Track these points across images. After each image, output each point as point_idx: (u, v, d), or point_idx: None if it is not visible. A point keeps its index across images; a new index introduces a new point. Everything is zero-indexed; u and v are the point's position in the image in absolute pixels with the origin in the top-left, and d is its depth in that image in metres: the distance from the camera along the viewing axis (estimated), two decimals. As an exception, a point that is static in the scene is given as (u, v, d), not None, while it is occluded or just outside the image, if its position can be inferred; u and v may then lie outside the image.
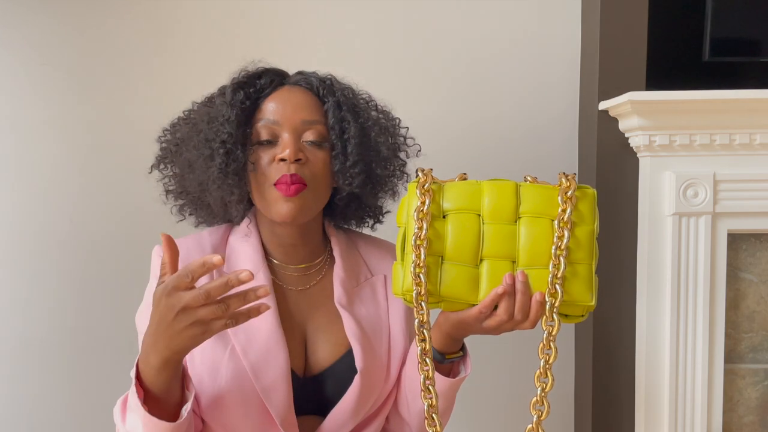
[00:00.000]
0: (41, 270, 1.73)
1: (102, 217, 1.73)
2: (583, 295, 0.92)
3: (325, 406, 1.08)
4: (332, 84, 1.11)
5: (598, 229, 0.94)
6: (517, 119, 1.73)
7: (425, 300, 0.92)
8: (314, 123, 1.06)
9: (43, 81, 1.71)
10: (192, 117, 1.13)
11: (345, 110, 1.08)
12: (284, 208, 1.03)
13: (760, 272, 1.55)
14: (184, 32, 1.72)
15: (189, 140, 1.09)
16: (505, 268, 0.93)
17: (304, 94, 1.08)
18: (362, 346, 1.07)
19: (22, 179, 1.72)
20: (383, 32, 1.72)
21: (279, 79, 1.11)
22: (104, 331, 1.73)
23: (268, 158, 1.04)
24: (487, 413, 1.77)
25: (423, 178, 0.96)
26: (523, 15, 1.71)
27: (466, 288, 0.93)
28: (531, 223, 0.93)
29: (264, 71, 1.11)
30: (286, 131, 1.05)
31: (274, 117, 1.05)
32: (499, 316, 0.92)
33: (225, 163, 1.03)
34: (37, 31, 1.70)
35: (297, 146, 1.04)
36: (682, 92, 1.42)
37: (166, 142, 1.15)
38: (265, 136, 1.05)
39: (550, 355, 0.92)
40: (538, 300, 0.91)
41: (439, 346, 1.02)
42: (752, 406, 1.57)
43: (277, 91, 1.08)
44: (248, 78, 1.09)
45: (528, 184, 0.97)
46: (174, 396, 0.93)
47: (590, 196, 0.95)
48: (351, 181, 1.07)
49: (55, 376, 1.75)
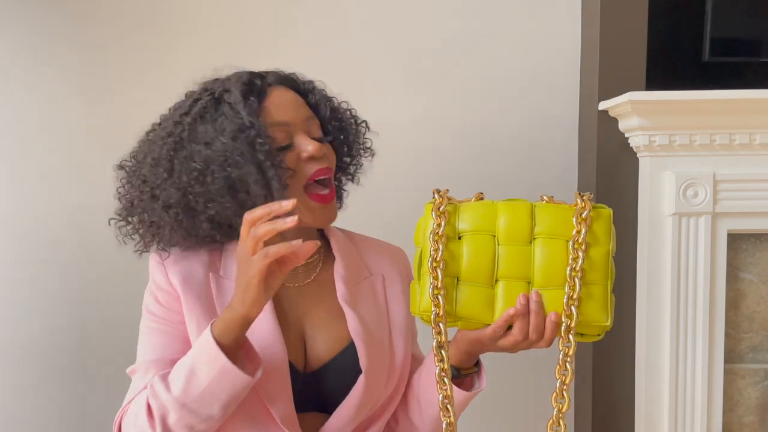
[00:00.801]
0: (40, 270, 1.73)
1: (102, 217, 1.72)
2: (598, 315, 0.93)
3: (326, 402, 1.08)
4: (311, 82, 1.13)
5: (614, 249, 0.94)
6: (517, 119, 1.73)
7: (443, 321, 0.93)
8: (312, 119, 1.08)
9: (43, 81, 1.71)
10: (182, 135, 1.03)
11: (327, 103, 1.11)
12: (324, 217, 1.06)
13: (760, 272, 1.55)
14: (185, 32, 1.72)
15: (208, 161, 1.00)
16: (520, 289, 0.93)
17: (293, 93, 1.09)
18: (366, 344, 1.07)
19: (22, 179, 1.72)
20: (382, 32, 1.72)
21: (265, 81, 1.08)
22: (104, 332, 1.73)
23: (291, 161, 1.02)
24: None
25: (438, 200, 0.95)
26: (523, 15, 1.71)
27: (481, 308, 0.94)
28: (546, 244, 0.93)
29: (250, 74, 1.07)
30: (298, 130, 1.04)
31: (283, 119, 1.04)
32: (514, 336, 0.93)
33: (277, 176, 0.99)
34: (37, 31, 1.70)
35: (314, 141, 1.04)
36: (682, 92, 1.42)
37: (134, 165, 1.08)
38: (281, 138, 1.02)
39: (566, 376, 0.92)
40: (552, 320, 0.92)
41: (455, 362, 1.03)
42: (752, 406, 1.57)
43: (273, 93, 1.06)
44: (249, 81, 1.05)
45: (544, 204, 0.97)
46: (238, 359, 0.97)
47: (605, 216, 0.95)
48: (355, 170, 1.12)
49: (56, 377, 1.75)
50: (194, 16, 1.71)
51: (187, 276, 1.05)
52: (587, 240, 0.92)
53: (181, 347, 1.03)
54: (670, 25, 1.61)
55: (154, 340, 1.05)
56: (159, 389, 0.97)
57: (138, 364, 1.05)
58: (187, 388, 0.95)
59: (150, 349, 1.05)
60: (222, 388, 0.94)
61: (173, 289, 1.05)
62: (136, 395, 1.02)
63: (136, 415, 0.98)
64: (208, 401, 0.95)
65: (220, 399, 0.95)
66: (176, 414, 0.95)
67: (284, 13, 1.72)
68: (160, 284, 1.06)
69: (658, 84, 1.53)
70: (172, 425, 0.96)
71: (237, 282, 0.93)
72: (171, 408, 0.95)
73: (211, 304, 1.05)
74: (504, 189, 1.71)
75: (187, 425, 0.96)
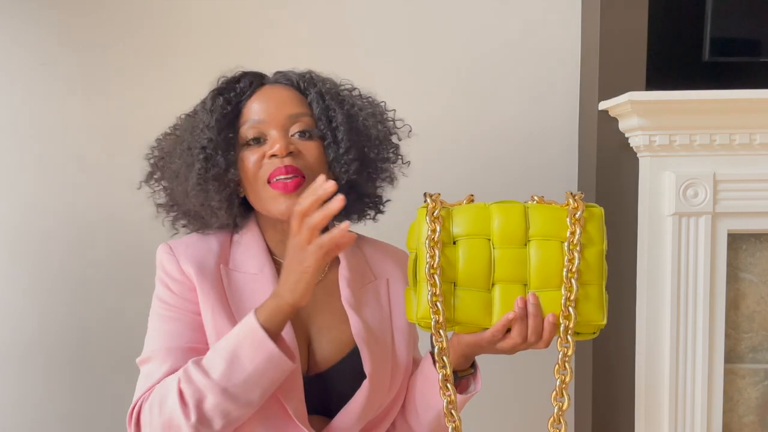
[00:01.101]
0: (41, 271, 1.73)
1: (102, 217, 1.73)
2: (595, 315, 0.93)
3: (329, 405, 1.08)
4: (312, 77, 1.12)
5: (606, 248, 0.95)
6: (517, 119, 1.73)
7: (443, 328, 0.93)
8: (300, 116, 1.07)
9: (43, 81, 1.71)
10: (177, 129, 1.13)
11: (329, 99, 1.09)
12: (284, 205, 1.03)
13: (760, 272, 1.55)
14: (185, 32, 1.71)
15: (173, 151, 1.10)
16: (517, 291, 0.93)
17: (286, 90, 1.09)
18: (370, 349, 1.07)
19: (22, 179, 1.72)
20: (383, 32, 1.72)
21: (258, 80, 1.11)
22: (105, 332, 1.73)
23: (257, 157, 1.04)
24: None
25: (432, 204, 0.95)
26: (523, 15, 1.71)
27: (479, 313, 0.94)
28: (541, 245, 0.93)
29: (242, 74, 1.11)
30: (273, 128, 1.05)
31: (259, 116, 1.06)
32: (513, 338, 0.93)
33: (204, 169, 1.03)
34: (37, 31, 1.69)
35: (287, 140, 1.04)
36: (682, 92, 1.42)
37: (153, 158, 1.15)
38: (252, 135, 1.05)
39: (566, 375, 0.93)
40: (551, 321, 0.92)
41: (452, 365, 1.02)
42: (752, 406, 1.57)
43: (259, 92, 1.09)
44: (227, 83, 1.09)
45: (535, 204, 0.96)
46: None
47: (597, 215, 0.95)
48: (347, 168, 1.08)
49: (57, 377, 1.75)
50: (195, 16, 1.71)
51: (201, 265, 1.06)
52: (581, 240, 0.92)
53: (196, 336, 1.03)
54: (670, 25, 1.61)
55: (168, 327, 1.04)
56: (194, 374, 0.95)
57: (152, 352, 1.03)
58: (228, 373, 0.94)
59: (164, 336, 1.04)
60: (266, 374, 0.94)
61: (187, 279, 1.05)
62: (155, 383, 1.00)
63: (162, 403, 0.96)
64: (251, 387, 0.94)
65: (261, 385, 0.95)
66: (215, 399, 0.94)
67: (285, 13, 1.72)
68: (172, 274, 1.06)
69: (658, 84, 1.53)
70: (208, 410, 0.95)
71: (288, 271, 0.94)
72: (210, 393, 0.94)
73: (222, 294, 1.05)
74: (504, 189, 1.71)
75: (223, 411, 0.95)
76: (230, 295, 1.05)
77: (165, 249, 1.08)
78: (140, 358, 1.05)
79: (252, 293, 1.05)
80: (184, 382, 0.95)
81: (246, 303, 1.04)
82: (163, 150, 1.14)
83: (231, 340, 0.96)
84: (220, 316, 1.02)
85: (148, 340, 1.05)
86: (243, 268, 1.08)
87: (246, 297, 1.05)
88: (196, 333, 1.03)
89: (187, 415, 0.94)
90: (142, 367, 1.04)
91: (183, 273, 1.05)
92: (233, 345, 0.95)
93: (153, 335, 1.05)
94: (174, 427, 0.95)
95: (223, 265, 1.07)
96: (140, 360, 1.05)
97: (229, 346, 0.95)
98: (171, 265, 1.06)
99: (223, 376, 0.94)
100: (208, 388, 0.94)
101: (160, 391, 0.98)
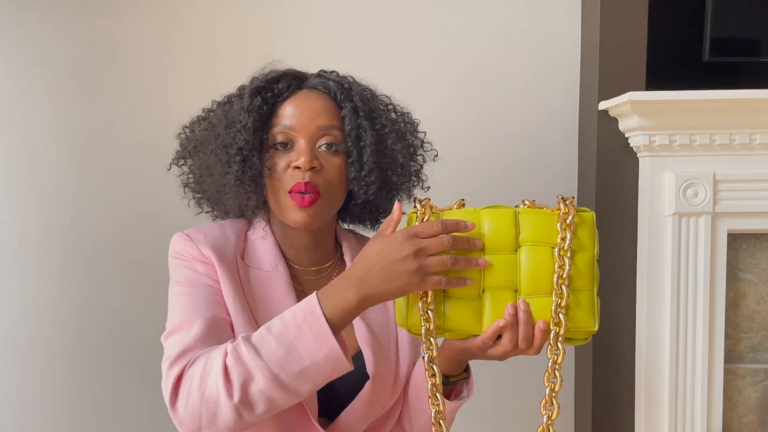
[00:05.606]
0: (42, 270, 1.73)
1: (103, 217, 1.73)
2: (586, 321, 0.92)
3: (332, 408, 1.08)
4: (350, 88, 1.10)
5: (598, 253, 0.94)
6: (517, 119, 1.73)
7: (434, 336, 0.92)
8: (330, 128, 1.06)
9: (43, 81, 1.71)
10: (210, 117, 1.12)
11: (362, 116, 1.07)
12: (298, 216, 1.03)
13: (760, 272, 1.55)
14: (185, 32, 1.71)
15: (207, 143, 1.09)
16: (507, 298, 0.92)
17: (322, 99, 1.08)
18: (373, 351, 1.08)
19: (22, 179, 1.72)
20: (383, 32, 1.72)
21: (297, 82, 1.10)
22: (108, 331, 1.73)
23: (284, 164, 1.04)
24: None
25: (421, 210, 0.94)
26: (523, 15, 1.71)
27: (470, 320, 0.93)
28: (531, 251, 0.92)
29: (282, 74, 1.10)
30: (301, 137, 1.04)
31: (290, 122, 1.05)
32: (503, 345, 0.92)
33: (242, 171, 1.03)
34: (37, 31, 1.70)
35: (312, 154, 1.04)
36: (682, 92, 1.42)
37: (185, 140, 1.15)
38: (280, 139, 1.05)
39: (555, 383, 0.92)
40: (541, 328, 0.91)
41: (445, 370, 1.03)
42: (752, 406, 1.57)
43: (295, 96, 1.08)
44: (266, 82, 1.08)
45: (526, 209, 0.95)
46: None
47: (589, 220, 0.94)
48: (366, 189, 1.07)
49: (59, 376, 1.75)
50: (196, 15, 1.71)
51: (221, 253, 1.06)
52: (572, 246, 0.91)
53: (219, 309, 1.02)
54: (670, 25, 1.61)
55: (190, 300, 1.02)
56: (245, 353, 0.90)
57: (177, 323, 0.99)
58: (284, 361, 0.90)
59: (187, 307, 1.01)
60: (323, 371, 0.91)
61: (208, 261, 1.05)
62: (187, 346, 0.96)
63: (204, 377, 0.91)
64: (303, 380, 0.91)
65: (314, 380, 0.91)
66: (265, 383, 0.89)
67: (286, 13, 1.72)
68: (193, 255, 1.05)
69: (658, 84, 1.53)
70: (253, 393, 0.90)
71: (382, 269, 0.89)
72: (260, 375, 0.90)
73: (240, 288, 1.05)
74: (503, 189, 1.71)
75: (269, 397, 0.90)
76: (246, 290, 1.05)
77: (182, 236, 1.08)
78: (165, 334, 1.00)
79: (266, 291, 1.06)
80: (231, 357, 0.91)
81: (260, 300, 1.05)
82: (195, 135, 1.13)
83: (290, 325, 0.91)
84: (241, 309, 1.02)
85: (171, 317, 1.02)
86: (257, 264, 1.08)
87: (260, 294, 1.06)
88: (220, 307, 1.02)
89: (230, 393, 0.90)
90: (169, 340, 0.99)
91: (204, 255, 1.05)
92: (293, 333, 0.90)
93: (174, 311, 1.02)
94: (214, 404, 0.90)
95: (239, 259, 1.08)
96: (165, 335, 1.00)
97: (288, 333, 0.91)
98: (191, 248, 1.06)
99: (276, 363, 0.90)
100: (259, 369, 0.90)
101: (204, 363, 0.93)
